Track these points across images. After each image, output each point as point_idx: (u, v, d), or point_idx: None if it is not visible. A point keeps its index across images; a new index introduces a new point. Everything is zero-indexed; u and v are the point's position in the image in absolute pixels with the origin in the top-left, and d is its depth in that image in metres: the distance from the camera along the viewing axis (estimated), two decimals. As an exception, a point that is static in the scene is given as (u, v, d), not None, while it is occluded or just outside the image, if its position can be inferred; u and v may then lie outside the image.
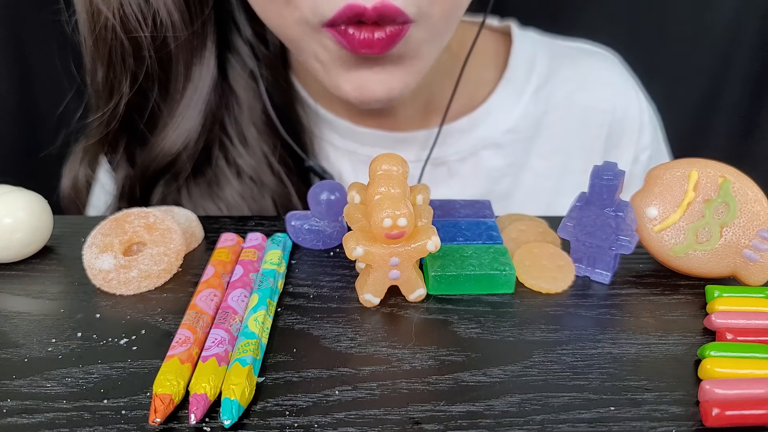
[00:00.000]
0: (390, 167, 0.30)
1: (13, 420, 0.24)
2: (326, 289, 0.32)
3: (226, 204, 0.45)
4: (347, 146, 0.49)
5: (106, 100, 0.43)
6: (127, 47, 0.40)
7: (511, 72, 0.49)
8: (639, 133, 0.52)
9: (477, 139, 0.49)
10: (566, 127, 0.50)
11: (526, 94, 0.49)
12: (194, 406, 0.23)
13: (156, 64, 0.41)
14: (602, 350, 0.28)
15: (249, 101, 0.45)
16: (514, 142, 0.49)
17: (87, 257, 0.32)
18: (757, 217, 0.31)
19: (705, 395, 0.24)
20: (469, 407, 0.24)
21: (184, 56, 0.42)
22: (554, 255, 0.33)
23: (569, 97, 0.50)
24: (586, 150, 0.51)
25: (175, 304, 0.30)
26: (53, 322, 0.29)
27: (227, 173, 0.45)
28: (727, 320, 0.28)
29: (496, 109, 0.49)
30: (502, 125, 0.49)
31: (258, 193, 0.46)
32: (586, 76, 0.51)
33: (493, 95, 0.49)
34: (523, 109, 0.49)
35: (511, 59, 0.50)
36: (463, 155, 0.49)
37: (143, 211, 0.34)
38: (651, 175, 0.33)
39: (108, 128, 0.43)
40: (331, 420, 0.24)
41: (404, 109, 0.48)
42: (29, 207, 0.33)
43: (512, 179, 0.50)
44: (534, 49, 0.51)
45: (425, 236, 0.29)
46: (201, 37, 0.42)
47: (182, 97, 0.43)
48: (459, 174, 0.49)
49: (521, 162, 0.50)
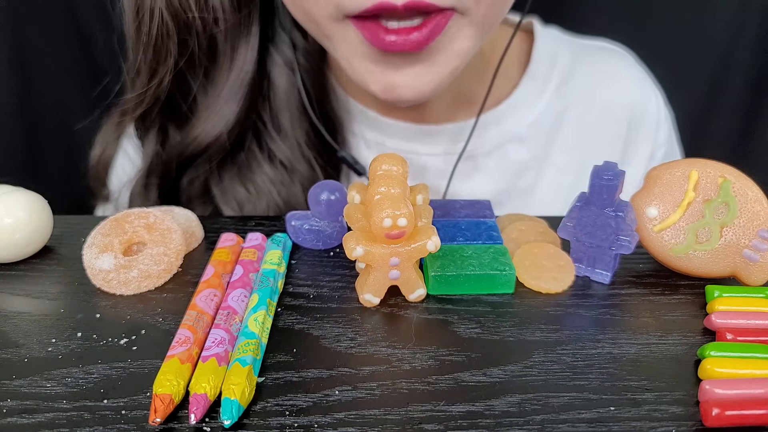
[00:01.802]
0: (390, 167, 0.30)
1: (13, 420, 0.24)
2: (326, 289, 0.32)
3: (256, 188, 0.46)
4: (375, 138, 0.49)
5: (146, 80, 0.43)
6: (172, 28, 0.41)
7: (533, 68, 0.50)
8: (656, 129, 0.53)
9: (502, 132, 0.49)
10: (587, 123, 0.51)
11: (549, 90, 0.50)
12: (194, 406, 0.23)
13: (202, 48, 0.42)
14: (602, 350, 0.28)
15: (285, 89, 0.46)
16: (537, 135, 0.50)
17: (87, 257, 0.32)
18: (757, 217, 0.31)
19: (705, 395, 0.24)
20: (469, 407, 0.24)
21: (231, 42, 0.42)
22: (554, 255, 0.33)
23: (590, 94, 0.51)
24: (606, 146, 0.52)
25: (175, 304, 0.30)
26: (53, 322, 0.29)
27: (259, 158, 0.46)
28: (727, 320, 0.28)
29: (519, 104, 0.50)
30: (526, 119, 0.50)
31: (288, 179, 0.46)
32: (607, 73, 0.52)
33: (517, 90, 0.50)
34: (546, 105, 0.50)
35: (534, 55, 0.51)
36: (488, 148, 0.49)
37: (143, 211, 0.34)
38: (651, 175, 0.33)
39: (144, 108, 0.44)
40: (331, 420, 0.24)
41: (433, 103, 0.48)
42: (29, 207, 0.33)
43: (535, 173, 0.51)
44: (556, 46, 0.52)
45: (425, 236, 0.29)
46: (247, 23, 0.43)
47: (227, 81, 0.43)
48: (485, 167, 0.50)
49: (544, 156, 0.51)
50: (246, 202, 0.46)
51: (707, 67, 0.69)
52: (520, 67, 0.51)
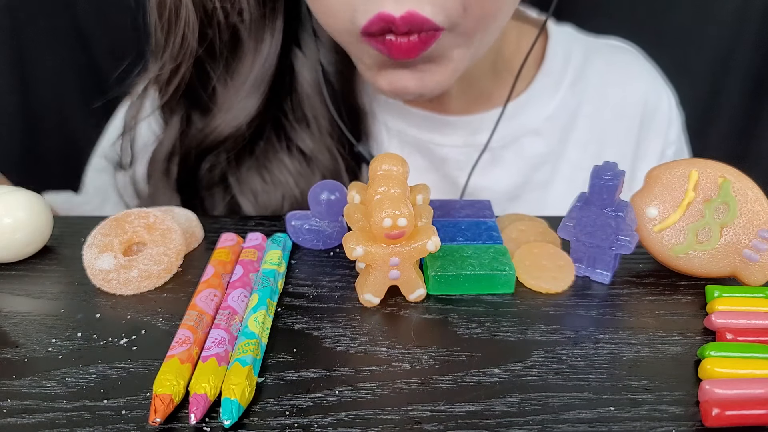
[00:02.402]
0: (390, 167, 0.30)
1: (13, 420, 0.24)
2: (326, 289, 0.32)
3: (272, 179, 0.46)
4: (397, 125, 0.50)
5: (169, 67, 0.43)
6: (194, 18, 0.41)
7: (548, 65, 0.51)
8: (667, 126, 0.54)
9: (519, 125, 0.50)
10: (601, 120, 0.52)
11: (563, 87, 0.51)
12: (194, 406, 0.23)
13: (224, 40, 0.42)
14: (602, 350, 0.28)
15: (309, 80, 0.46)
16: (553, 130, 0.51)
17: (87, 257, 0.32)
18: (757, 217, 0.31)
19: (705, 395, 0.24)
20: (469, 407, 0.24)
21: (254, 35, 0.43)
22: (554, 255, 0.33)
23: (603, 91, 0.52)
24: (619, 142, 0.52)
25: (175, 304, 0.30)
26: (53, 322, 0.29)
27: (277, 147, 0.46)
28: (727, 320, 0.28)
29: (535, 98, 0.51)
30: (542, 113, 0.51)
31: (308, 169, 0.47)
32: (619, 71, 0.53)
33: (532, 85, 0.51)
34: (560, 101, 0.51)
35: (548, 53, 0.51)
36: (505, 141, 0.50)
37: (143, 211, 0.34)
38: (651, 175, 0.33)
39: (168, 95, 0.44)
40: (331, 420, 0.24)
41: (452, 97, 0.49)
42: (29, 207, 0.33)
43: (551, 167, 0.51)
44: (569, 43, 0.53)
45: (425, 236, 0.29)
46: (272, 17, 0.43)
47: (250, 74, 0.43)
48: (502, 160, 0.50)
49: (559, 151, 0.51)
50: (261, 192, 0.46)
51: (707, 67, 0.69)
52: (535, 64, 0.52)
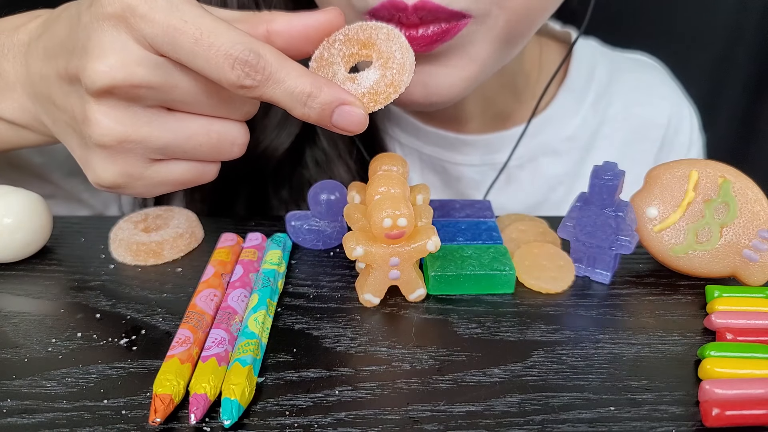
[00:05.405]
0: (390, 167, 0.30)
1: (13, 420, 0.24)
2: (326, 289, 0.32)
3: (289, 187, 0.46)
4: (412, 143, 0.49)
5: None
6: None
7: (571, 81, 0.50)
8: (688, 148, 0.53)
9: (537, 145, 0.49)
10: (622, 139, 0.51)
11: (586, 104, 0.50)
12: (194, 406, 0.23)
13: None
14: (602, 350, 0.28)
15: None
16: (572, 150, 0.50)
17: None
18: (757, 217, 0.31)
19: (705, 395, 0.24)
20: (469, 407, 0.24)
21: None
22: (554, 255, 0.33)
23: (627, 110, 0.51)
24: (637, 163, 0.50)
25: (175, 304, 0.30)
26: (53, 322, 0.29)
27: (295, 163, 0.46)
28: (727, 320, 0.28)
29: (556, 117, 0.49)
30: (562, 133, 0.49)
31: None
32: (644, 89, 0.52)
33: (554, 103, 0.49)
34: (582, 119, 0.50)
35: (571, 68, 0.50)
36: (522, 161, 0.49)
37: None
38: (651, 175, 0.33)
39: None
40: (331, 420, 0.24)
41: (470, 115, 0.48)
42: (29, 207, 0.33)
43: (567, 188, 0.50)
44: (594, 59, 0.51)
45: (425, 236, 0.29)
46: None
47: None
48: (517, 180, 0.49)
49: (576, 171, 0.50)
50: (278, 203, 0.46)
51: (707, 67, 0.69)
52: (557, 80, 0.50)
